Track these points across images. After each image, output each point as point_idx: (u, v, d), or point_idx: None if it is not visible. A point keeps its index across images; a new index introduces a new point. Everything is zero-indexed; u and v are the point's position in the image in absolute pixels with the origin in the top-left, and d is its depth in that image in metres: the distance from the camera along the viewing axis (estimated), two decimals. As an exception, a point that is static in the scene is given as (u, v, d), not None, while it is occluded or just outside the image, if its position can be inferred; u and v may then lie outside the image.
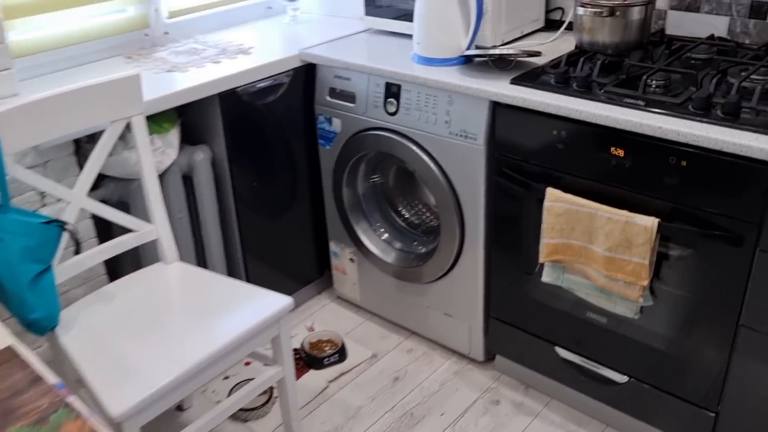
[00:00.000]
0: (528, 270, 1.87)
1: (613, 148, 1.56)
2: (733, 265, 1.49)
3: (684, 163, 1.47)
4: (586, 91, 1.63)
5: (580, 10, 1.68)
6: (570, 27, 2.06)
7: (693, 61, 1.78)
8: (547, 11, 2.18)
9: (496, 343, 2.08)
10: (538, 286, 1.86)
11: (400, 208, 2.27)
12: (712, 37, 1.87)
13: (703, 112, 1.47)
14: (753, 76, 1.56)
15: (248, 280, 2.21)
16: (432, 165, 1.92)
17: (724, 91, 1.54)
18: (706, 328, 1.59)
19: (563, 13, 2.16)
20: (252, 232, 2.19)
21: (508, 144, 1.76)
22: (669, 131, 1.45)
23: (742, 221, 1.44)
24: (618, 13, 1.65)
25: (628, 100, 1.55)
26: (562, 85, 1.67)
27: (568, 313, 1.84)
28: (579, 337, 1.85)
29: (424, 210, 2.26)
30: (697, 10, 1.93)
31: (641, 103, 1.54)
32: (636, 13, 1.67)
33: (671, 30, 1.97)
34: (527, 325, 1.96)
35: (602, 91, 1.61)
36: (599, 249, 1.62)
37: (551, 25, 2.17)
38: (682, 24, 1.96)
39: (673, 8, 1.96)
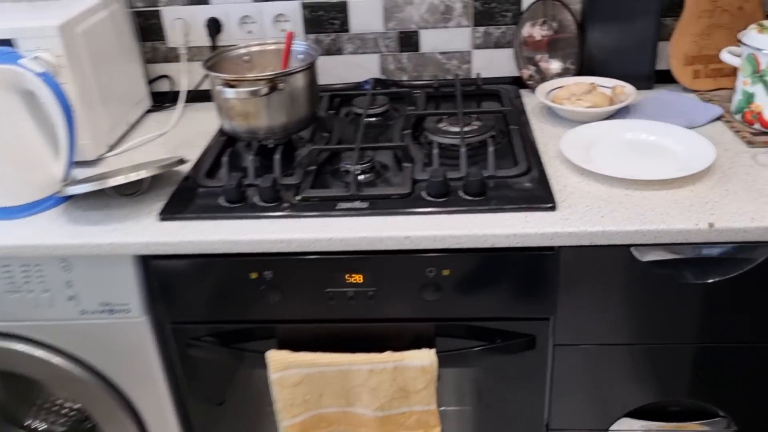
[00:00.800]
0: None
1: (347, 276, 1.09)
2: (529, 369, 1.17)
3: (447, 272, 1.07)
4: (277, 205, 1.11)
5: (229, 93, 1.14)
6: (193, 99, 1.54)
7: (371, 118, 1.40)
8: (150, 82, 1.59)
9: None
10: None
11: (29, 422, 1.47)
12: (375, 83, 1.52)
13: (444, 199, 1.09)
14: (466, 129, 1.24)
15: None
16: (66, 365, 1.21)
17: (440, 155, 1.18)
18: (511, 444, 1.26)
19: (172, 82, 1.60)
20: None
21: (184, 306, 1.15)
22: (420, 239, 1.03)
23: (533, 319, 1.12)
24: (282, 85, 1.16)
25: (345, 206, 1.09)
26: (240, 205, 1.12)
27: (333, 485, 1.35)
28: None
29: (72, 406, 1.51)
30: (339, 52, 1.56)
31: (362, 205, 1.09)
32: (302, 80, 1.20)
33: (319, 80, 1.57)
34: None
35: (299, 199, 1.12)
36: (367, 411, 1.15)
37: (160, 100, 1.59)
38: (326, 70, 1.57)
39: (311, 54, 1.55)
